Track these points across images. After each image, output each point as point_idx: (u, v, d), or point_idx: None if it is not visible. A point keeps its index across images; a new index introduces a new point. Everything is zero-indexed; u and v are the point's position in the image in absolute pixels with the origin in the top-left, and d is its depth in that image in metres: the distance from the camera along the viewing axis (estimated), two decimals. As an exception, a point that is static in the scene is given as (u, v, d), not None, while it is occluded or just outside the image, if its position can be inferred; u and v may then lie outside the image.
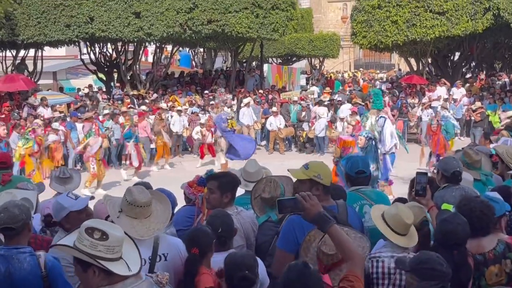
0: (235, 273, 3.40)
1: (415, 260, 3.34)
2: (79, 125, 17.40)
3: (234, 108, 21.83)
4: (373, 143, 11.35)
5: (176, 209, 5.11)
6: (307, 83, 32.76)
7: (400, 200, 5.21)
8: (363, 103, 20.81)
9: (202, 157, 17.89)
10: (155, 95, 23.09)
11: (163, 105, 20.05)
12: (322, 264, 3.50)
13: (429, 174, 4.97)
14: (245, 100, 21.28)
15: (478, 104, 20.77)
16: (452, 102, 22.68)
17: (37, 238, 4.52)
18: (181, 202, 5.53)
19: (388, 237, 3.94)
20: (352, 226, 3.93)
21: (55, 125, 16.09)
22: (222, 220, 4.01)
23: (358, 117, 19.02)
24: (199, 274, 3.66)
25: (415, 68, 28.71)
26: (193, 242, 3.78)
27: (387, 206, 4.28)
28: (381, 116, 13.55)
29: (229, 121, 17.51)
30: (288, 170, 4.46)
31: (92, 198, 4.73)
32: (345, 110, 19.93)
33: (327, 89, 26.95)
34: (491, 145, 8.37)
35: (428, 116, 20.08)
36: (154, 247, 3.75)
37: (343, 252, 3.32)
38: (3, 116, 17.29)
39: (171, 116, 19.38)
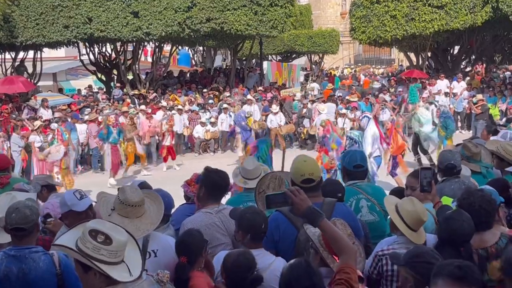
0: (243, 275, 3.42)
1: (409, 254, 3.32)
2: (79, 126, 17.44)
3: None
4: (357, 145, 11.01)
5: (173, 210, 5.11)
6: (306, 80, 32.70)
7: (397, 191, 5.19)
8: (356, 100, 20.84)
9: (165, 161, 17.33)
10: (154, 95, 23.07)
11: (163, 103, 20.02)
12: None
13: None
14: (249, 96, 21.39)
15: (479, 96, 20.72)
16: (453, 96, 22.66)
17: (39, 239, 4.54)
18: (179, 201, 5.53)
19: (404, 232, 3.94)
20: None
21: (54, 125, 16.07)
22: (265, 219, 4.01)
23: (358, 113, 19.09)
24: (192, 279, 3.67)
25: (414, 63, 28.69)
26: (182, 249, 3.78)
27: (397, 199, 4.26)
28: (364, 116, 13.48)
29: (247, 118, 17.71)
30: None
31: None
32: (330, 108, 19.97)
33: (330, 85, 26.94)
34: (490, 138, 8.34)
35: None
36: (144, 244, 3.75)
37: (336, 245, 3.30)
38: (2, 118, 17.25)
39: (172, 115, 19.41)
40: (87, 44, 25.40)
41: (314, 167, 4.23)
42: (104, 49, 27.00)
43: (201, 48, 39.66)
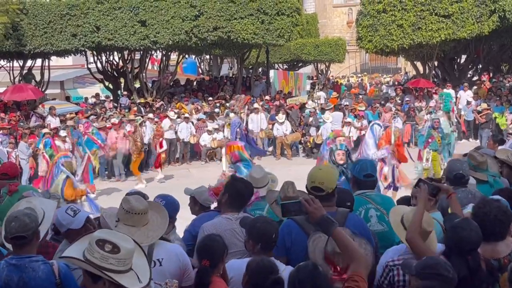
0: (265, 277, 3.41)
1: (421, 265, 3.33)
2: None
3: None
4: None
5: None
6: (312, 88, 32.73)
7: (407, 199, 5.19)
8: (363, 109, 20.82)
9: (159, 167, 16.87)
10: (160, 103, 23.14)
11: (170, 113, 19.99)
12: (336, 267, 3.48)
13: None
14: (255, 105, 21.39)
15: (484, 105, 20.66)
16: (465, 104, 22.57)
17: (51, 246, 4.56)
18: (185, 209, 5.53)
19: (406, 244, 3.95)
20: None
21: (62, 132, 16.14)
22: (276, 228, 4.02)
23: (365, 122, 19.08)
24: (212, 284, 3.67)
25: (421, 72, 28.66)
26: (204, 253, 3.78)
27: (404, 210, 4.26)
28: (375, 123, 13.43)
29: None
30: None
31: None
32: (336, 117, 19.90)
33: (334, 94, 26.94)
34: (499, 148, 8.33)
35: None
36: (149, 253, 3.73)
37: (347, 253, 3.34)
38: (10, 126, 17.34)
39: (179, 124, 19.47)
40: (94, 52, 25.56)
41: (327, 177, 4.20)
42: (111, 58, 27.14)
43: (207, 56, 39.79)
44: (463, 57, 29.90)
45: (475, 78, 29.53)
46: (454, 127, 16.97)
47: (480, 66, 30.12)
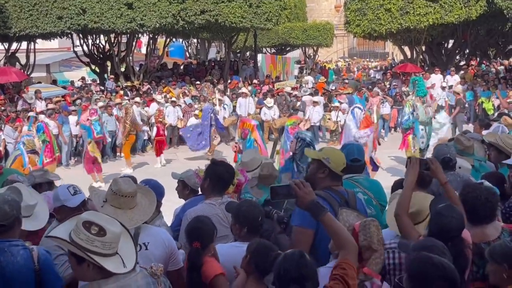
0: (267, 255, 3.44)
1: (418, 245, 3.35)
2: (71, 118, 17.32)
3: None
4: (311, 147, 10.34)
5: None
6: (300, 73, 32.72)
7: (400, 182, 5.19)
8: (345, 92, 20.84)
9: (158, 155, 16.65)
10: (147, 87, 22.99)
11: (157, 97, 19.87)
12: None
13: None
14: (243, 89, 21.29)
15: (458, 88, 20.43)
16: (448, 88, 22.68)
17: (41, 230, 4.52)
18: (172, 193, 5.52)
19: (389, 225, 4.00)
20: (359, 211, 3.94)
21: (42, 117, 15.93)
22: (261, 211, 4.04)
23: (344, 105, 19.10)
24: (204, 264, 3.69)
25: (409, 56, 28.73)
26: (194, 235, 3.79)
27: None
28: (355, 107, 13.47)
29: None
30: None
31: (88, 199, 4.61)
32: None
33: (322, 78, 26.92)
34: (483, 132, 8.38)
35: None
36: (134, 236, 3.69)
37: (337, 240, 3.32)
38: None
39: (166, 107, 19.36)
40: (80, 35, 25.31)
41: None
42: (98, 41, 26.89)
43: (195, 40, 39.56)
44: (451, 42, 30.00)
45: (462, 63, 29.65)
46: (433, 114, 16.85)
47: (468, 51, 30.24)
